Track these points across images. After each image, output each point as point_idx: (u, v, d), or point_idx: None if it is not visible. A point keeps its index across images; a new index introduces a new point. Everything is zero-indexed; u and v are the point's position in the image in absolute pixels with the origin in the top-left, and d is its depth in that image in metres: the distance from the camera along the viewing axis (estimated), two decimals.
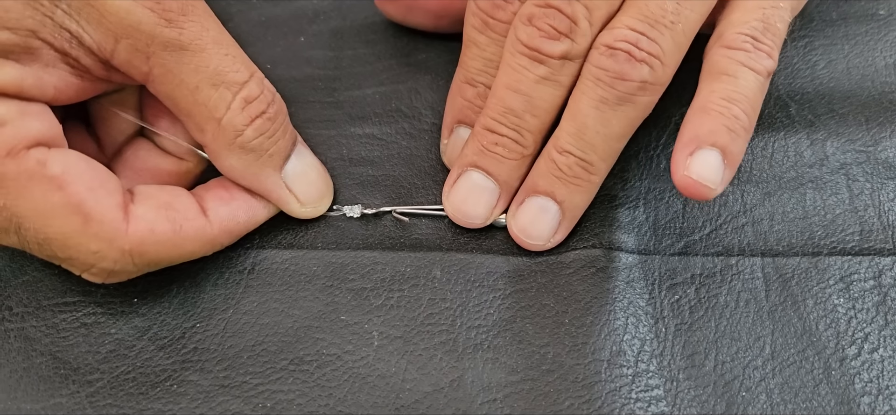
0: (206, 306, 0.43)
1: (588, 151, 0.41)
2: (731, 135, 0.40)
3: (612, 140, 0.41)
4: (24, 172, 0.36)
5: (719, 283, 0.43)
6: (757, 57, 0.41)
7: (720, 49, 0.42)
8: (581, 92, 0.41)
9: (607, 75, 0.40)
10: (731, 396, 0.40)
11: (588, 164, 0.42)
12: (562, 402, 0.40)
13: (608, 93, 0.40)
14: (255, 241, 0.45)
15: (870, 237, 0.44)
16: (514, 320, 0.42)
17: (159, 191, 0.41)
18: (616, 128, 0.41)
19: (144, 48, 0.38)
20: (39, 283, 0.44)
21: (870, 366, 0.41)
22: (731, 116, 0.40)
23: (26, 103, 0.37)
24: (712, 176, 0.39)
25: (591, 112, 0.41)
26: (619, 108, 0.40)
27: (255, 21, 0.53)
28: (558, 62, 0.41)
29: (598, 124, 0.41)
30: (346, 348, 0.42)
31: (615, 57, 0.40)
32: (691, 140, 0.40)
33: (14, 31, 0.36)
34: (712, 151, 0.40)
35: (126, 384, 0.41)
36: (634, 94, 0.40)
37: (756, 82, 0.41)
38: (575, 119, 0.41)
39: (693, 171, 0.39)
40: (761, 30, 0.42)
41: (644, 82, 0.40)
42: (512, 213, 0.44)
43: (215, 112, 0.40)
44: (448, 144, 0.47)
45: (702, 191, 0.39)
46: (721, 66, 0.42)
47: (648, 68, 0.40)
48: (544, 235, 0.43)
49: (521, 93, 0.41)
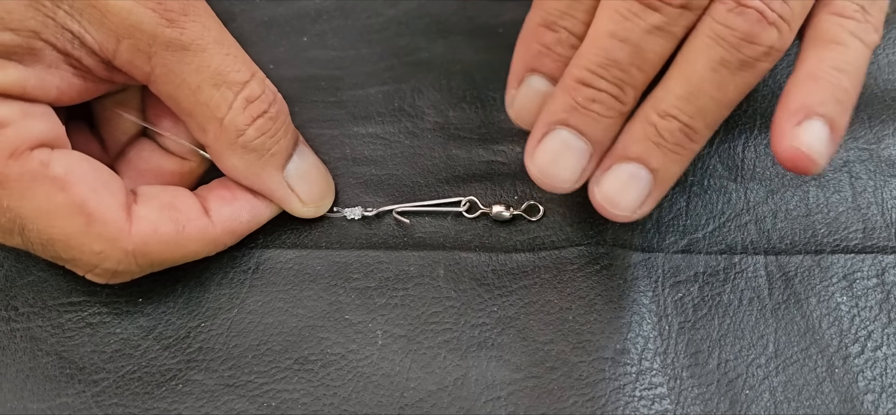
0: (210, 306, 0.43)
1: (696, 117, 0.37)
2: (840, 107, 0.37)
3: (724, 107, 0.37)
4: (27, 173, 0.37)
5: (723, 281, 0.43)
6: (866, 29, 0.38)
7: (830, 16, 0.38)
8: (697, 50, 0.36)
9: (734, 35, 0.35)
10: (735, 394, 0.40)
11: (693, 131, 0.37)
12: (566, 399, 0.40)
13: (731, 55, 0.36)
14: (259, 240, 0.45)
15: (873, 235, 0.44)
16: (517, 317, 0.42)
17: (162, 191, 0.41)
18: (731, 95, 0.37)
19: (146, 48, 0.38)
20: (45, 283, 0.44)
21: (873, 364, 0.41)
22: (841, 88, 0.37)
23: (29, 104, 0.37)
24: (821, 148, 0.36)
25: (707, 75, 0.36)
26: (738, 73, 0.36)
27: (258, 21, 0.53)
28: (676, 11, 0.36)
29: (714, 89, 0.36)
30: (351, 347, 0.42)
31: (746, 15, 0.35)
32: (800, 109, 0.36)
33: (16, 32, 0.36)
34: (821, 122, 0.36)
35: (131, 384, 0.41)
36: (758, 59, 0.36)
37: (864, 55, 0.38)
38: (688, 80, 0.37)
39: (803, 141, 0.36)
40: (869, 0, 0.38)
41: (771, 48, 0.36)
42: (596, 179, 0.39)
43: (217, 112, 0.40)
44: (518, 96, 0.41)
45: (808, 164, 0.36)
46: (831, 34, 0.38)
47: (777, 33, 0.36)
48: (633, 205, 0.39)
49: (629, 43, 0.36)
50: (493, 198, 0.46)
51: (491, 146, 0.48)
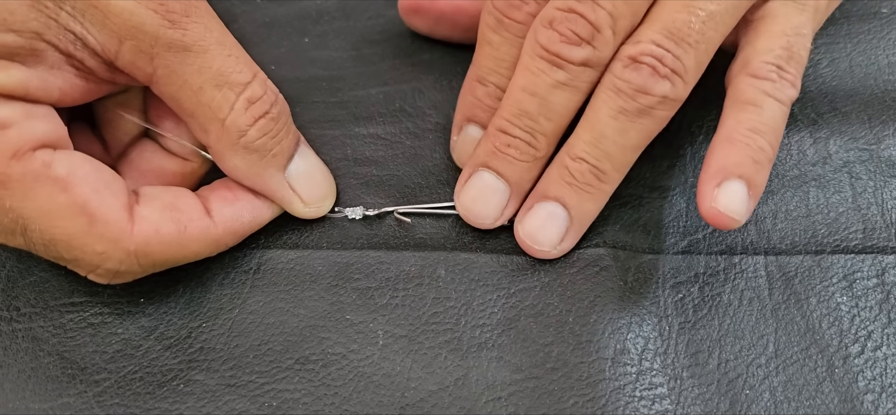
0: (212, 306, 0.43)
1: (603, 159, 0.41)
2: (756, 166, 0.40)
3: (628, 151, 0.41)
4: (29, 173, 0.37)
5: (723, 281, 0.43)
6: (782, 87, 0.42)
7: (746, 78, 0.42)
8: (600, 101, 0.41)
9: (629, 87, 0.40)
10: (735, 394, 0.40)
11: (601, 172, 0.41)
12: (566, 400, 0.40)
13: (628, 104, 0.40)
14: (261, 241, 0.45)
15: (873, 235, 0.44)
16: (518, 318, 0.42)
17: (164, 192, 0.41)
18: (633, 139, 0.41)
19: (148, 49, 0.38)
20: (47, 283, 0.44)
21: (873, 364, 0.41)
22: (757, 148, 0.41)
23: (32, 105, 0.37)
24: (738, 207, 0.40)
25: (609, 122, 0.40)
26: (637, 120, 0.40)
27: (260, 22, 0.53)
28: (578, 68, 0.40)
29: (616, 134, 0.41)
30: (352, 347, 0.42)
31: (639, 70, 0.40)
32: (718, 171, 0.40)
33: (19, 33, 0.36)
34: (739, 182, 0.40)
35: (133, 384, 0.41)
36: (654, 107, 0.40)
37: (780, 112, 0.42)
38: (592, 127, 0.41)
39: (720, 203, 0.40)
40: (786, 58, 0.42)
41: (665, 97, 0.40)
42: (520, 218, 0.43)
43: (219, 113, 0.40)
44: (458, 142, 0.46)
45: (728, 222, 0.40)
46: (747, 96, 0.42)
47: (670, 84, 0.40)
48: (552, 241, 0.43)
49: (538, 96, 0.41)
50: None
51: None
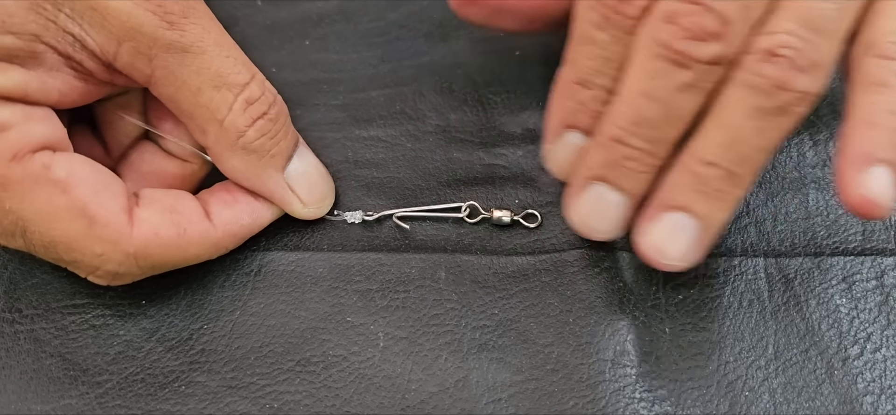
0: (213, 308, 0.43)
1: (738, 163, 0.37)
2: None
3: (764, 152, 0.37)
4: (29, 175, 0.37)
5: (722, 283, 0.43)
6: None
7: (875, 59, 0.38)
8: (734, 99, 0.36)
9: (767, 83, 0.35)
10: (735, 395, 0.40)
11: (737, 177, 0.37)
12: (566, 401, 0.40)
13: (767, 102, 0.35)
14: (262, 243, 0.45)
15: (872, 237, 0.44)
16: (518, 319, 0.42)
17: (164, 194, 0.41)
18: (770, 139, 0.37)
19: (146, 51, 0.38)
20: (48, 285, 0.44)
21: (872, 366, 0.41)
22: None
23: (31, 107, 0.37)
24: (888, 192, 0.36)
25: (745, 122, 0.36)
26: (776, 118, 0.36)
27: (260, 25, 0.53)
28: (706, 67, 0.36)
29: (753, 135, 0.36)
30: (353, 349, 0.42)
31: (777, 64, 0.35)
32: (862, 156, 0.37)
33: (18, 35, 0.36)
34: (884, 167, 0.37)
35: (135, 385, 0.41)
36: (794, 104, 0.36)
37: None
38: (726, 128, 0.37)
39: (869, 189, 0.36)
40: None
41: (806, 92, 0.35)
42: (642, 229, 0.39)
43: (217, 114, 0.40)
44: (556, 149, 0.41)
45: (877, 211, 0.37)
46: (879, 77, 0.37)
47: (810, 78, 0.35)
48: (680, 253, 0.39)
49: (660, 101, 0.36)
50: (493, 201, 0.46)
51: (492, 149, 0.48)
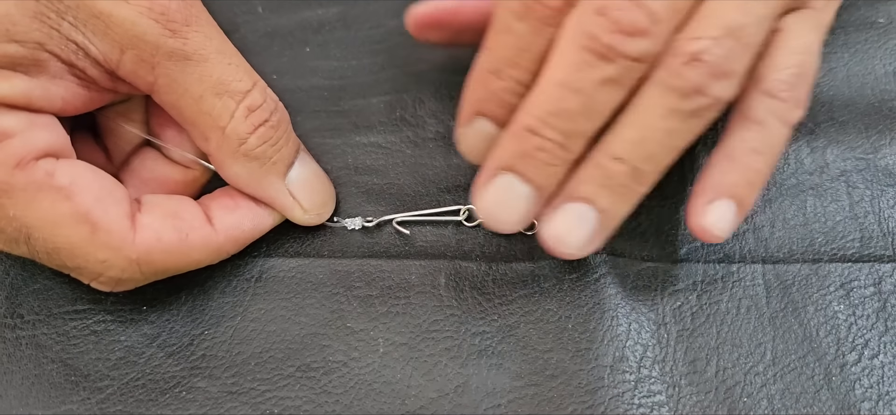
0: (214, 314, 0.43)
1: (645, 161, 0.37)
2: (750, 188, 0.40)
3: (672, 152, 0.37)
4: (32, 182, 0.37)
5: (721, 289, 0.44)
6: (790, 108, 0.39)
7: (758, 95, 0.39)
8: (651, 99, 0.36)
9: (686, 86, 0.35)
10: (733, 401, 0.40)
11: (641, 173, 0.37)
12: (565, 407, 0.40)
13: (683, 105, 0.36)
14: (262, 249, 0.45)
15: (870, 244, 0.45)
16: (517, 325, 0.43)
17: (166, 200, 0.41)
18: (679, 141, 0.37)
19: (149, 58, 0.38)
20: (50, 291, 0.44)
21: (870, 372, 0.41)
22: (754, 170, 0.39)
23: (34, 115, 0.38)
24: (725, 227, 0.40)
25: (658, 122, 0.36)
26: (688, 121, 0.36)
27: (261, 32, 0.54)
28: (630, 63, 0.35)
29: (663, 136, 0.37)
30: (353, 355, 0.42)
31: (698, 69, 0.35)
32: (712, 189, 0.40)
33: (22, 43, 0.36)
34: (729, 203, 0.39)
35: (136, 391, 0.41)
36: (707, 109, 0.36)
37: (784, 135, 0.40)
38: (639, 126, 0.37)
39: (708, 221, 0.40)
40: (797, 78, 0.39)
41: (718, 99, 0.36)
42: (546, 217, 0.39)
43: (219, 121, 0.40)
44: (467, 133, 0.41)
45: (711, 239, 0.40)
46: (755, 113, 0.39)
47: (725, 85, 0.36)
48: (579, 243, 0.39)
49: (582, 93, 0.36)
50: None
51: None
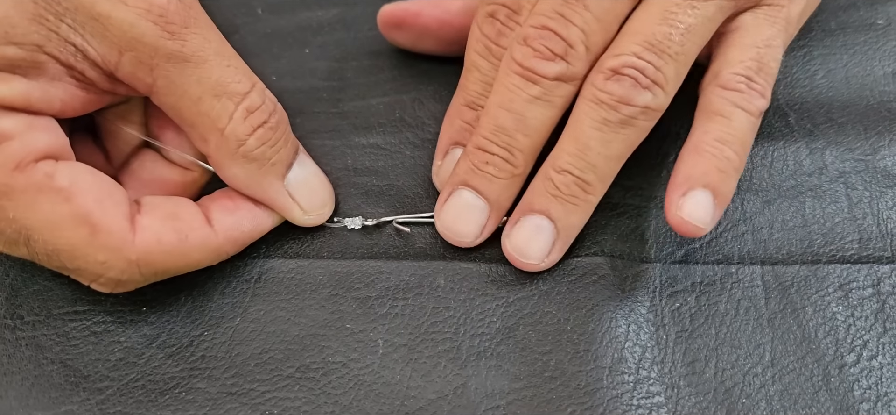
0: (213, 315, 0.44)
1: (587, 170, 0.42)
2: (722, 176, 0.41)
3: (612, 161, 0.42)
4: (32, 184, 0.37)
5: (719, 291, 0.44)
6: (750, 97, 0.43)
7: (716, 89, 0.43)
8: (583, 113, 0.41)
9: (611, 98, 0.40)
10: (732, 402, 0.40)
11: (586, 183, 0.42)
12: (564, 408, 0.40)
13: (611, 115, 0.41)
14: (262, 250, 0.45)
15: (868, 245, 0.45)
16: (516, 327, 0.43)
17: (165, 202, 0.41)
18: (616, 149, 0.41)
19: (148, 60, 0.38)
20: (50, 292, 0.44)
21: (868, 373, 0.41)
22: (723, 158, 0.42)
23: (34, 117, 0.38)
24: (703, 216, 0.41)
25: (593, 133, 0.41)
26: (620, 130, 0.41)
27: (261, 33, 0.54)
28: (552, 83, 0.41)
29: (600, 145, 0.41)
30: (352, 356, 0.42)
31: (621, 81, 0.40)
32: (684, 181, 0.41)
33: (20, 46, 0.36)
34: (704, 191, 0.41)
35: (135, 392, 0.41)
36: (636, 117, 0.41)
37: (748, 123, 0.43)
38: (576, 139, 0.41)
39: (685, 211, 0.41)
40: (755, 70, 0.43)
41: (647, 107, 0.41)
42: (506, 232, 0.44)
43: (218, 122, 0.40)
44: (442, 166, 0.47)
45: (692, 230, 0.41)
46: (715, 106, 0.43)
47: (651, 95, 0.41)
48: (539, 254, 0.43)
49: (513, 112, 0.42)
50: None
51: None
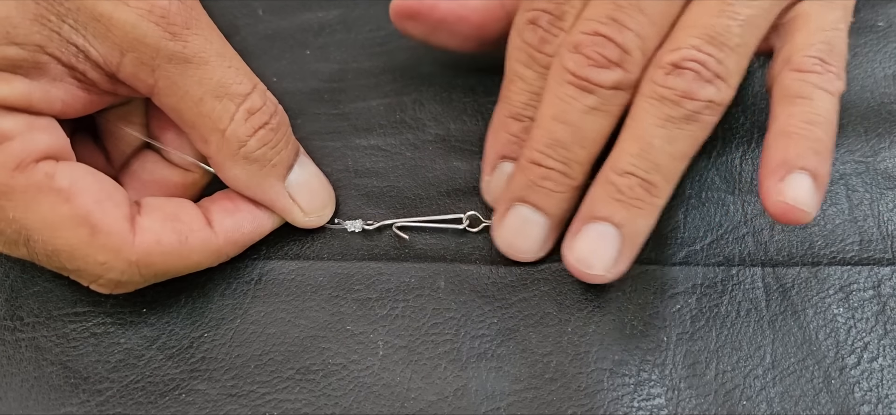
0: (213, 316, 0.44)
1: (652, 171, 0.39)
2: (818, 157, 0.39)
3: (677, 160, 0.39)
4: (32, 185, 0.37)
5: (720, 292, 0.44)
6: (828, 79, 0.40)
7: (791, 73, 0.41)
8: (643, 111, 0.39)
9: (674, 94, 0.38)
10: (732, 404, 0.40)
11: (651, 185, 0.39)
12: (564, 410, 0.40)
13: (675, 111, 0.38)
14: (262, 252, 0.45)
15: (869, 247, 0.45)
16: (517, 329, 0.43)
17: (165, 203, 0.42)
18: (681, 147, 0.39)
19: (149, 61, 0.38)
20: (50, 293, 0.44)
21: (869, 375, 0.41)
22: (815, 139, 0.39)
23: (34, 117, 0.38)
24: (807, 199, 0.38)
25: (656, 131, 0.39)
26: (685, 126, 0.39)
27: (262, 34, 0.54)
28: (609, 92, 0.39)
29: (664, 143, 0.39)
30: (352, 358, 0.42)
31: (683, 75, 0.38)
32: (781, 165, 0.39)
33: (22, 46, 0.36)
34: (803, 174, 0.38)
35: (135, 393, 0.41)
36: (701, 112, 0.39)
37: (831, 103, 0.40)
38: (638, 139, 0.39)
39: (788, 196, 0.38)
40: (827, 51, 0.41)
41: (711, 101, 0.38)
42: (568, 244, 0.41)
43: (219, 124, 0.40)
44: (491, 181, 0.45)
45: (798, 215, 0.38)
46: (795, 89, 0.40)
47: (715, 88, 0.38)
48: (605, 263, 0.40)
49: (569, 124, 0.40)
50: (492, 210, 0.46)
51: None
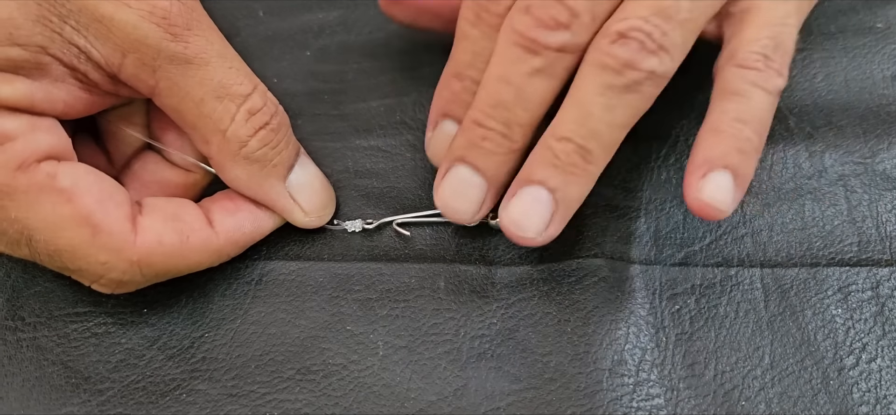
0: (214, 316, 0.44)
1: (589, 138, 0.39)
2: (742, 156, 0.40)
3: (615, 129, 0.40)
4: (34, 185, 0.37)
5: (719, 293, 0.44)
6: (768, 76, 0.41)
7: (732, 68, 0.41)
8: (586, 78, 0.39)
9: (616, 62, 0.38)
10: (731, 405, 0.40)
11: (587, 152, 0.39)
12: (564, 410, 0.40)
13: (616, 80, 0.38)
14: (263, 252, 0.45)
15: (867, 248, 0.45)
16: (516, 329, 0.43)
17: (166, 203, 0.42)
18: (620, 116, 0.39)
19: (151, 62, 0.39)
20: (51, 293, 0.44)
21: (868, 376, 0.41)
22: (743, 138, 0.40)
23: (36, 118, 0.38)
24: (724, 198, 0.39)
25: (596, 99, 0.39)
26: (625, 96, 0.39)
27: (262, 35, 0.54)
28: (555, 54, 0.39)
29: (603, 111, 0.39)
30: (352, 358, 0.42)
31: (627, 45, 0.38)
32: (703, 163, 0.40)
33: (24, 47, 0.36)
34: (724, 173, 0.39)
35: (136, 393, 0.41)
36: (641, 83, 0.38)
37: (766, 102, 0.41)
38: (578, 105, 0.39)
39: (705, 193, 0.39)
40: (772, 48, 0.41)
41: (652, 72, 0.38)
42: (504, 205, 0.41)
43: (220, 124, 0.41)
44: (432, 138, 0.45)
45: (713, 213, 0.39)
46: (733, 86, 0.41)
47: (658, 60, 0.38)
48: (537, 227, 0.40)
49: (513, 85, 0.40)
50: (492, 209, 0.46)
51: None
